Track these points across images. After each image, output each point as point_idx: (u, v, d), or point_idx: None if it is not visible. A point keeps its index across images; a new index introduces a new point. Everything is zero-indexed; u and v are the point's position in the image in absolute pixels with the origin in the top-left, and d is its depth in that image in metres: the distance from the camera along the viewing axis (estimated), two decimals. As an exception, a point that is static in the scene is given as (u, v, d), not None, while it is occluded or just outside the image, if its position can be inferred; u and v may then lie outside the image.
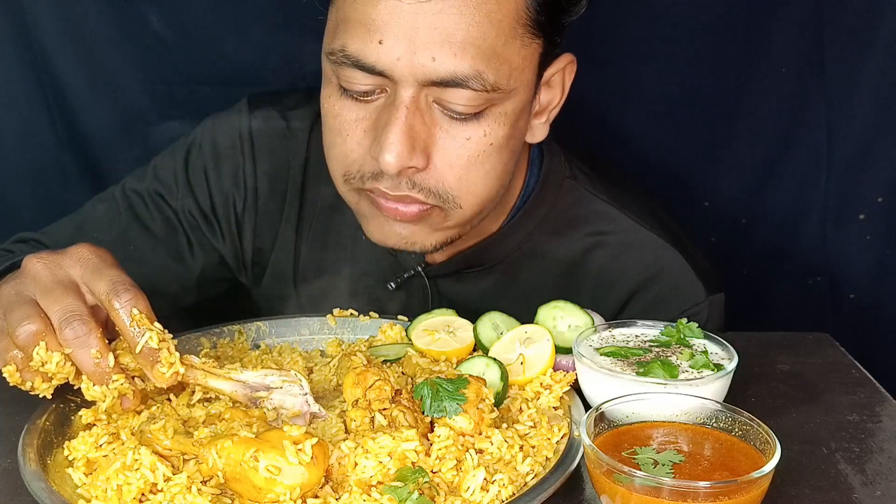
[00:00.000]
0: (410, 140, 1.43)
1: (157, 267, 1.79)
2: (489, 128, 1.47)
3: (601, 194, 1.77)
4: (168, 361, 1.26)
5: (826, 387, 1.49)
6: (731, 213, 2.39)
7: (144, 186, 1.83)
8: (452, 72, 1.39)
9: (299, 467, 1.09)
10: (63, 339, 1.24)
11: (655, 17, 2.25)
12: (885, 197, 2.31)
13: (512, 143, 1.54)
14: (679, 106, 2.32)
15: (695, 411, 1.18)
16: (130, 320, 1.24)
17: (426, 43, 1.37)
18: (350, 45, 1.42)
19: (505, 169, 1.55)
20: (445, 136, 1.46)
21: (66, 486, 1.17)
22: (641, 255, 1.74)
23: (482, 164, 1.50)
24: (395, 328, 1.55)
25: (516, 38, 1.44)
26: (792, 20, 2.21)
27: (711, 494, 1.03)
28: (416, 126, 1.43)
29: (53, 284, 1.26)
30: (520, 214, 1.73)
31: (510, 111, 1.49)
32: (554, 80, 1.59)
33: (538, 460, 1.23)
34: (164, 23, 2.27)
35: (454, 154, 1.47)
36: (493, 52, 1.41)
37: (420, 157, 1.45)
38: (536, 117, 1.61)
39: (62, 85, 2.28)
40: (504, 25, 1.41)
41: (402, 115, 1.42)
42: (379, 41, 1.39)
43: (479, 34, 1.39)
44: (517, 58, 1.45)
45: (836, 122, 2.27)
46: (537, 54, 1.50)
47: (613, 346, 1.39)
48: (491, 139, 1.48)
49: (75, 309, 1.24)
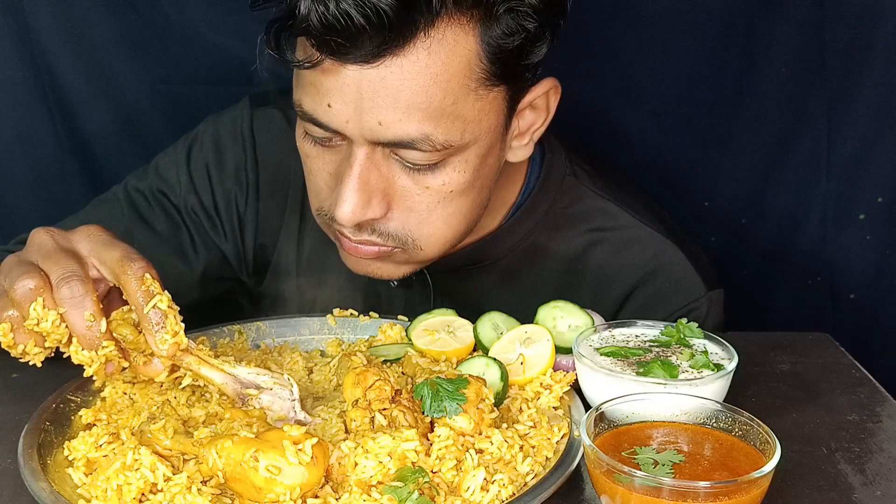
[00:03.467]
0: (366, 194, 1.44)
1: (160, 265, 1.78)
2: (448, 177, 1.47)
3: (601, 191, 1.77)
4: (173, 329, 1.27)
5: (826, 387, 1.49)
6: (731, 213, 2.39)
7: (147, 185, 1.83)
8: (398, 136, 1.39)
9: (299, 467, 1.09)
10: (59, 297, 1.25)
11: (656, 17, 2.25)
12: (885, 197, 2.31)
13: (480, 183, 1.53)
14: (679, 106, 2.32)
15: (695, 411, 1.18)
16: (141, 284, 1.26)
17: (371, 107, 1.37)
18: (304, 104, 1.44)
19: (471, 208, 1.55)
20: (404, 184, 1.47)
21: (66, 486, 1.17)
22: (642, 251, 1.74)
23: (443, 209, 1.50)
24: (395, 328, 1.55)
25: (469, 94, 1.41)
26: (792, 20, 2.21)
27: (711, 494, 1.03)
28: (372, 179, 1.44)
29: (56, 250, 1.29)
30: (520, 211, 1.74)
31: (471, 159, 1.48)
32: (537, 102, 1.57)
33: (538, 460, 1.23)
34: (165, 23, 2.27)
35: (414, 201, 1.48)
36: (441, 112, 1.39)
37: (377, 208, 1.46)
38: (518, 139, 1.59)
39: (62, 85, 2.28)
40: (453, 85, 1.39)
41: (357, 171, 1.43)
42: (328, 104, 1.40)
43: (424, 98, 1.37)
44: (472, 111, 1.43)
45: (836, 122, 2.27)
46: (500, 99, 1.47)
47: (613, 346, 1.39)
48: (451, 187, 1.48)
49: (75, 270, 1.26)
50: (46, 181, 2.34)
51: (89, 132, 2.32)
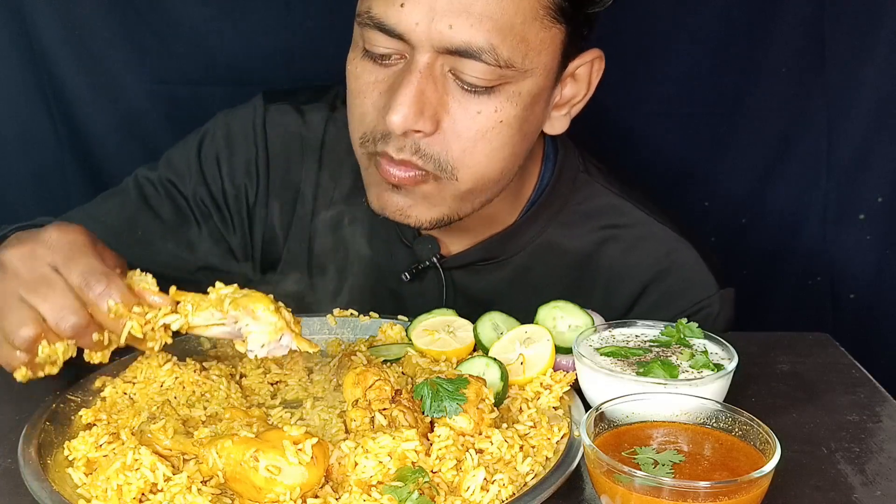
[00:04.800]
0: (419, 104, 1.46)
1: (162, 253, 1.79)
2: (501, 105, 1.49)
3: (615, 188, 1.78)
4: (156, 339, 1.30)
5: (826, 387, 1.49)
6: (731, 213, 2.39)
7: (156, 175, 1.84)
8: (467, 42, 1.42)
9: (299, 467, 1.09)
10: (62, 335, 1.26)
11: (656, 16, 2.26)
12: (885, 197, 2.31)
13: (525, 128, 1.55)
14: (679, 106, 2.32)
15: (695, 411, 1.18)
16: (107, 312, 1.26)
17: (445, 11, 1.41)
18: (374, 8, 1.47)
19: (513, 152, 1.56)
20: (457, 105, 1.48)
21: (66, 486, 1.17)
22: (654, 249, 1.74)
23: (489, 141, 1.51)
24: (395, 328, 1.55)
25: (536, 20, 1.46)
26: (792, 20, 2.21)
27: (711, 494, 1.03)
28: (428, 91, 1.46)
29: (34, 280, 1.28)
30: (535, 208, 1.74)
31: (525, 92, 1.50)
32: (580, 73, 1.60)
33: (538, 460, 1.23)
34: (165, 23, 2.27)
35: (463, 125, 1.49)
36: (510, 28, 1.43)
37: (427, 122, 1.47)
38: (557, 109, 1.62)
39: (62, 85, 2.29)
40: (524, 4, 1.44)
41: (415, 78, 1.45)
42: (401, 4, 1.43)
43: (497, 9, 1.42)
44: (535, 39, 1.47)
45: (836, 122, 2.27)
46: (559, 41, 1.51)
47: (613, 346, 1.39)
48: (501, 116, 1.50)
49: (65, 304, 1.26)
50: (46, 181, 2.34)
51: (89, 132, 2.32)
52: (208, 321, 1.31)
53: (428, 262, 1.76)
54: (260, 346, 1.30)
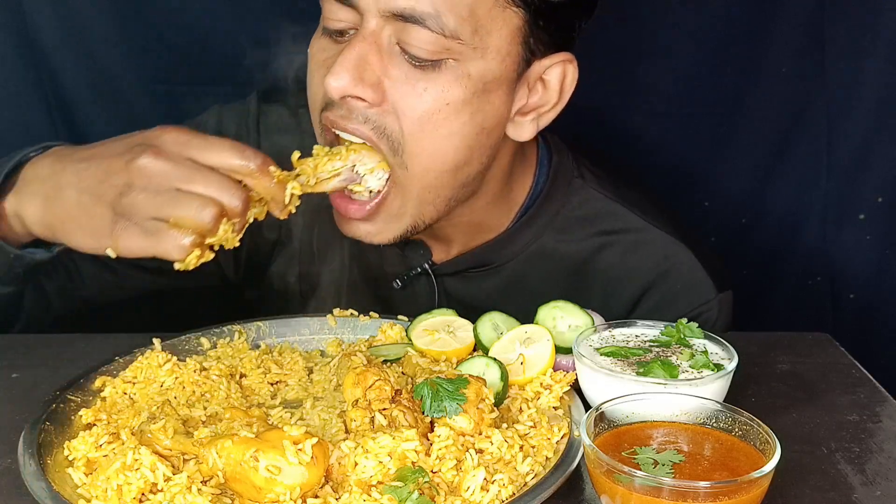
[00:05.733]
0: (359, 68, 1.44)
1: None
2: (447, 86, 1.46)
3: (610, 193, 1.76)
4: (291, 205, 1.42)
5: (826, 387, 1.49)
6: (731, 213, 2.39)
7: None
8: (412, 6, 1.40)
9: (299, 467, 1.09)
10: (233, 213, 1.33)
11: (656, 17, 2.26)
12: (885, 197, 2.31)
13: (479, 119, 1.50)
14: (679, 106, 2.32)
15: (695, 411, 1.18)
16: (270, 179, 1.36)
17: None
18: None
19: (467, 144, 1.51)
20: (403, 79, 1.46)
21: (66, 486, 1.17)
22: (651, 253, 1.73)
23: (436, 126, 1.48)
24: (395, 328, 1.55)
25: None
26: (792, 20, 2.21)
27: (711, 494, 1.03)
28: (371, 58, 1.45)
29: (183, 173, 1.33)
30: (528, 214, 1.73)
31: (473, 74, 1.47)
32: (550, 79, 1.56)
33: (538, 460, 1.23)
34: (165, 23, 2.27)
35: (410, 102, 1.47)
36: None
37: (368, 90, 1.46)
38: (522, 115, 1.58)
39: (62, 85, 2.28)
40: None
41: (357, 42, 1.45)
42: None
43: None
44: (486, 16, 1.44)
45: (836, 122, 2.27)
46: (514, 25, 1.47)
47: (613, 346, 1.39)
48: (448, 98, 1.46)
49: (226, 184, 1.33)
50: (46, 181, 2.34)
51: (89, 132, 2.32)
52: (330, 173, 1.48)
53: (420, 269, 1.76)
54: (377, 180, 1.52)
